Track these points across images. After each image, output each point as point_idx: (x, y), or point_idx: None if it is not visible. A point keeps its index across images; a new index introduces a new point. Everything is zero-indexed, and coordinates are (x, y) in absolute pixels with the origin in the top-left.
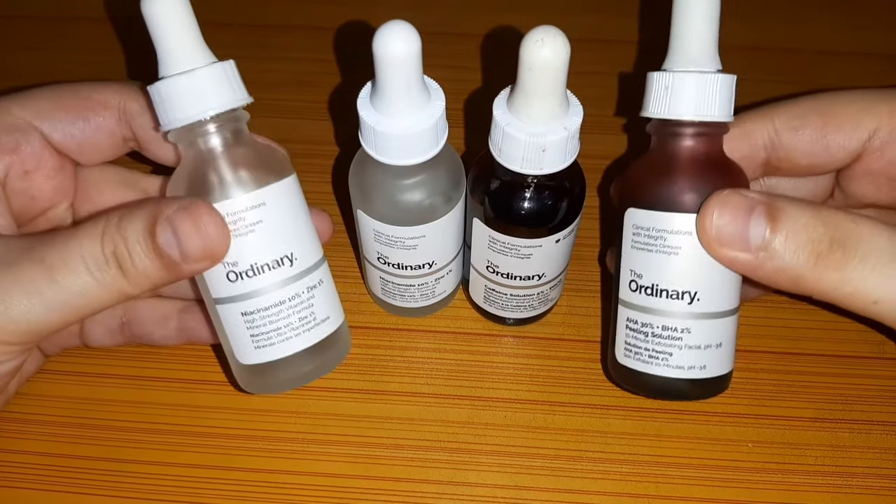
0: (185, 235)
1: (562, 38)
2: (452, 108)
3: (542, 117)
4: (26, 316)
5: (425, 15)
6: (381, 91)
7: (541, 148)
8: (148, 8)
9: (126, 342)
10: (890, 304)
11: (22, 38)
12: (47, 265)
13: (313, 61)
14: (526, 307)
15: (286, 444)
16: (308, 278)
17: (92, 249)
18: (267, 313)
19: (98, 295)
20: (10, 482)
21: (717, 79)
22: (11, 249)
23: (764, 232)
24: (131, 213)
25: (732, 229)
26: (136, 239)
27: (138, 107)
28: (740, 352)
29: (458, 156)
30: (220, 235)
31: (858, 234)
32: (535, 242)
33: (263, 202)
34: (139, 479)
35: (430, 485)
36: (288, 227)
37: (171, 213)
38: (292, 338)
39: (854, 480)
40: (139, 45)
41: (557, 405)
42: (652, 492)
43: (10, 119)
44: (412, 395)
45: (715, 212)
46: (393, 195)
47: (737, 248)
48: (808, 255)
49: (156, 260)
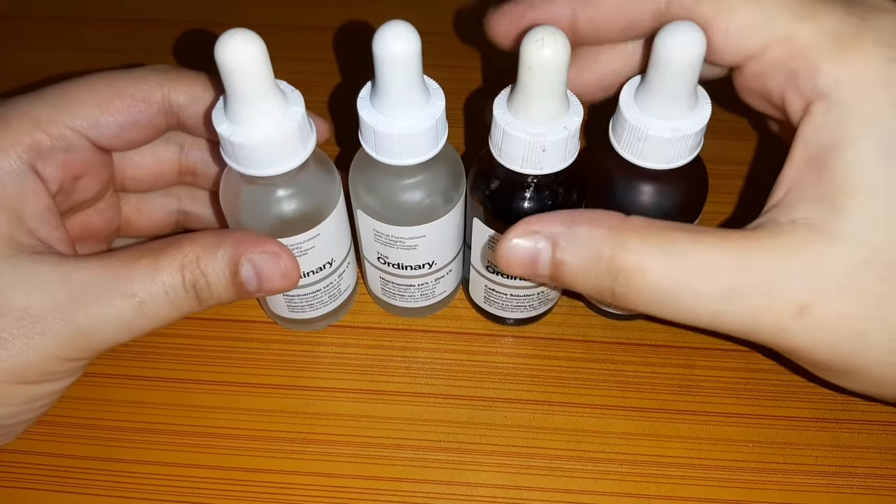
0: (268, 274)
1: (562, 38)
2: (452, 108)
3: (542, 117)
4: (108, 339)
5: (425, 15)
6: (381, 91)
7: (541, 148)
8: (225, 58)
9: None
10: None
11: (22, 39)
12: (138, 301)
13: (313, 61)
14: (526, 307)
15: (286, 444)
16: (340, 268)
17: (174, 282)
18: (303, 295)
19: (170, 317)
20: (11, 482)
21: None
22: (93, 281)
23: (549, 268)
24: (212, 250)
25: (523, 266)
26: (218, 275)
27: (185, 97)
28: (740, 352)
29: (458, 156)
30: (297, 275)
31: (640, 278)
32: None
33: (318, 234)
34: (139, 479)
35: (430, 485)
36: (333, 242)
37: (255, 256)
38: (320, 308)
39: (854, 480)
40: (139, 46)
41: (557, 405)
42: (652, 492)
43: (59, 130)
44: (412, 395)
45: (505, 250)
46: (393, 195)
47: (532, 277)
48: (594, 292)
49: (232, 290)
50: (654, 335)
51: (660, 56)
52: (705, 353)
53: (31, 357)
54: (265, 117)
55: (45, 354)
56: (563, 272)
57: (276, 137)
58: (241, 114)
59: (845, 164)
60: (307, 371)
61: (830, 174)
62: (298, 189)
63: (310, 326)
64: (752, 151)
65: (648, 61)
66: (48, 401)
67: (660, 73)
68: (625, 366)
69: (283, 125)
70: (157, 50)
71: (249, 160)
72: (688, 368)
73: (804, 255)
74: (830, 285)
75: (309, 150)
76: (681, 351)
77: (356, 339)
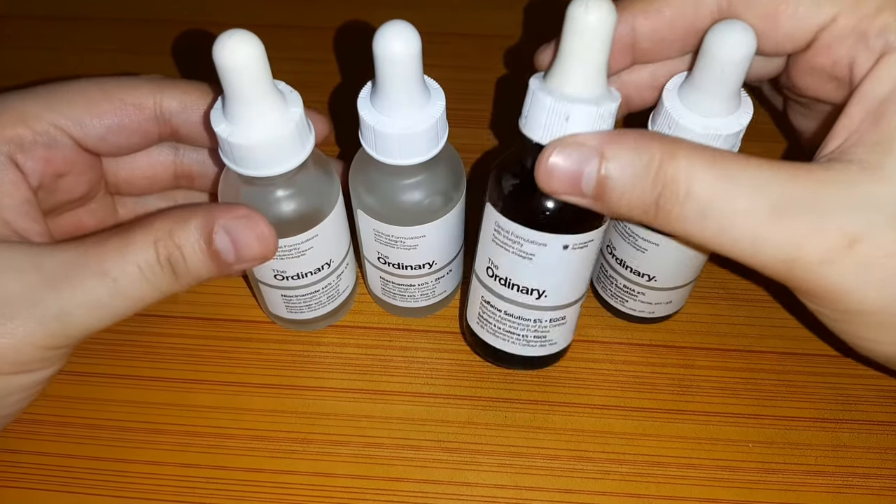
0: (244, 241)
1: (608, 4)
2: (452, 108)
3: (578, 87)
4: (86, 323)
5: (425, 15)
6: (381, 91)
7: (564, 117)
8: (224, 59)
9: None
10: (714, 247)
11: (22, 39)
12: (111, 279)
13: (313, 61)
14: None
15: (286, 444)
16: (339, 269)
17: (147, 258)
18: (302, 296)
19: (149, 296)
20: (11, 482)
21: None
22: (64, 264)
23: (594, 184)
24: (184, 222)
25: (565, 181)
26: (193, 246)
27: (178, 104)
28: (740, 352)
29: (458, 155)
30: (274, 240)
31: (686, 187)
32: (542, 239)
33: (316, 235)
34: (139, 479)
35: (430, 485)
36: (331, 244)
37: (227, 222)
38: (318, 308)
39: (854, 480)
40: (140, 45)
41: (557, 405)
42: (652, 492)
43: (42, 126)
44: (412, 395)
45: (549, 161)
46: (393, 195)
47: (572, 195)
48: (637, 207)
49: (209, 262)
50: (654, 335)
51: (706, 52)
52: (705, 353)
53: (2, 344)
54: (263, 118)
55: (18, 342)
56: (608, 187)
57: (275, 138)
58: (239, 114)
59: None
60: (307, 371)
61: (889, 120)
62: (297, 189)
63: (309, 327)
64: None
65: (696, 56)
66: (22, 395)
67: (704, 68)
68: (625, 366)
69: (282, 126)
70: (156, 50)
71: (248, 161)
72: (688, 368)
73: (856, 188)
74: (881, 220)
75: (307, 150)
76: (681, 351)
77: (356, 339)
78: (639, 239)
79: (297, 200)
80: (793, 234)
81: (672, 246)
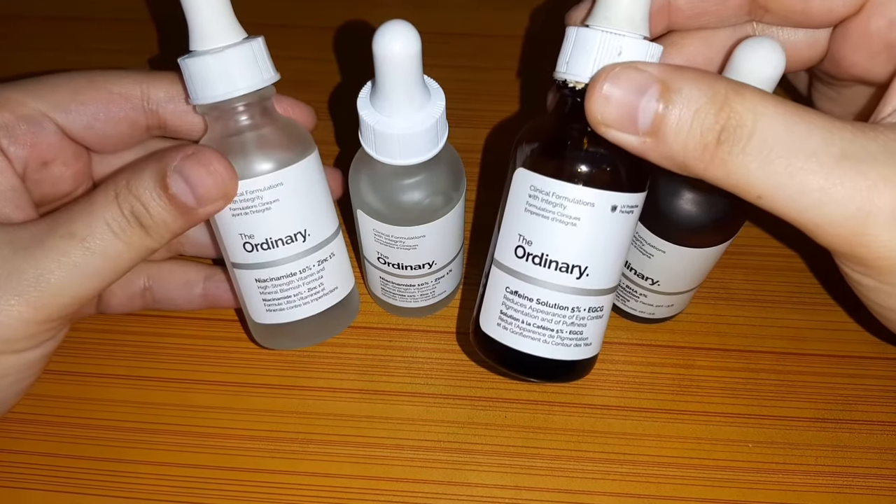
0: (198, 180)
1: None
2: (452, 108)
3: (625, 27)
4: (65, 288)
5: (425, 15)
6: (381, 91)
7: (617, 50)
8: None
9: (146, 307)
10: (772, 200)
11: (22, 39)
12: (79, 237)
13: (313, 61)
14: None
15: (286, 444)
16: (319, 252)
17: (112, 213)
18: (279, 283)
19: (126, 254)
20: (10, 482)
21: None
22: (35, 233)
23: (652, 116)
24: (139, 171)
25: (620, 111)
26: (150, 195)
27: (164, 95)
28: (740, 352)
29: (458, 156)
30: (231, 174)
31: (752, 123)
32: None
33: (281, 182)
34: (139, 479)
35: (429, 485)
36: (304, 205)
37: (179, 164)
38: (301, 305)
39: (854, 480)
40: (140, 45)
41: (557, 405)
42: (652, 492)
43: (25, 111)
44: (412, 395)
45: (605, 87)
46: (393, 195)
47: (624, 131)
48: (695, 146)
49: (172, 209)
50: (654, 335)
51: (734, 69)
52: (705, 353)
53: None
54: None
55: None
56: (666, 122)
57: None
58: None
59: None
60: (307, 371)
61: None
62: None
63: (290, 343)
64: None
65: (725, 65)
66: (18, 378)
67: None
68: (625, 366)
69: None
70: (156, 50)
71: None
72: (688, 368)
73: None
74: None
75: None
76: (681, 351)
77: (356, 339)
78: (646, 245)
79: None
80: (866, 184)
81: (679, 254)
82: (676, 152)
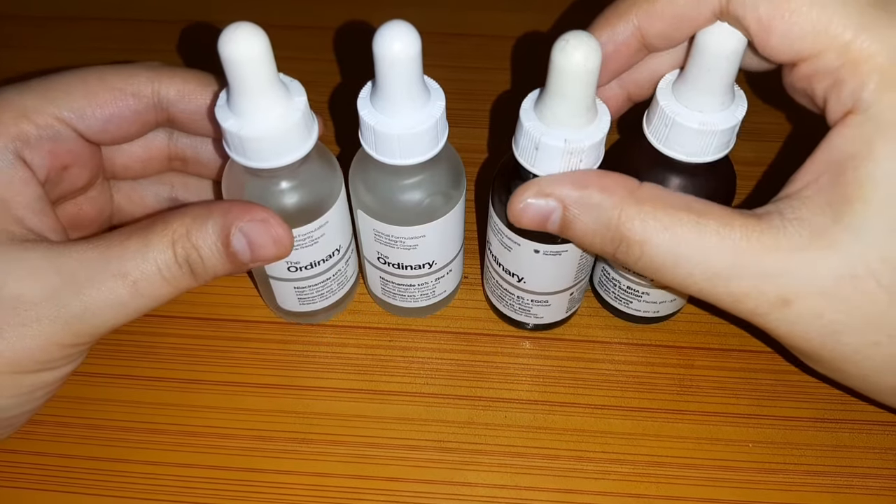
0: (259, 241)
1: (586, 46)
2: (452, 108)
3: (559, 117)
4: (107, 322)
5: (425, 15)
6: (381, 91)
7: (534, 144)
8: (229, 52)
9: None
10: None
11: (22, 39)
12: (131, 280)
13: (313, 61)
14: None
15: (285, 444)
16: (346, 254)
17: (166, 258)
18: (314, 285)
19: (169, 294)
20: (10, 482)
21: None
22: (84, 263)
23: (559, 227)
24: (201, 222)
25: (533, 223)
26: (210, 248)
27: (175, 93)
28: (740, 352)
29: (458, 155)
30: (289, 240)
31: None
32: (516, 239)
33: (327, 221)
34: (139, 479)
35: (429, 485)
36: (340, 230)
37: (245, 225)
38: (329, 296)
39: (854, 480)
40: (141, 45)
41: (557, 405)
42: (652, 492)
43: (45, 120)
44: (412, 395)
45: (518, 208)
46: (393, 195)
47: (542, 229)
48: (604, 255)
49: (227, 263)
50: (654, 335)
51: (697, 47)
52: (705, 353)
53: (29, 345)
54: (270, 110)
55: (42, 342)
56: (572, 231)
57: (283, 129)
58: (245, 107)
59: (861, 180)
60: (307, 371)
61: (845, 184)
62: (302, 179)
63: (316, 318)
64: (761, 153)
65: (688, 53)
66: (47, 390)
67: (696, 64)
68: (625, 366)
69: (288, 117)
70: (157, 50)
71: (257, 153)
72: (688, 368)
73: (798, 256)
74: (814, 288)
75: (313, 139)
76: (681, 351)
77: (356, 339)
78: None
79: (304, 190)
80: (731, 295)
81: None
82: (583, 248)
